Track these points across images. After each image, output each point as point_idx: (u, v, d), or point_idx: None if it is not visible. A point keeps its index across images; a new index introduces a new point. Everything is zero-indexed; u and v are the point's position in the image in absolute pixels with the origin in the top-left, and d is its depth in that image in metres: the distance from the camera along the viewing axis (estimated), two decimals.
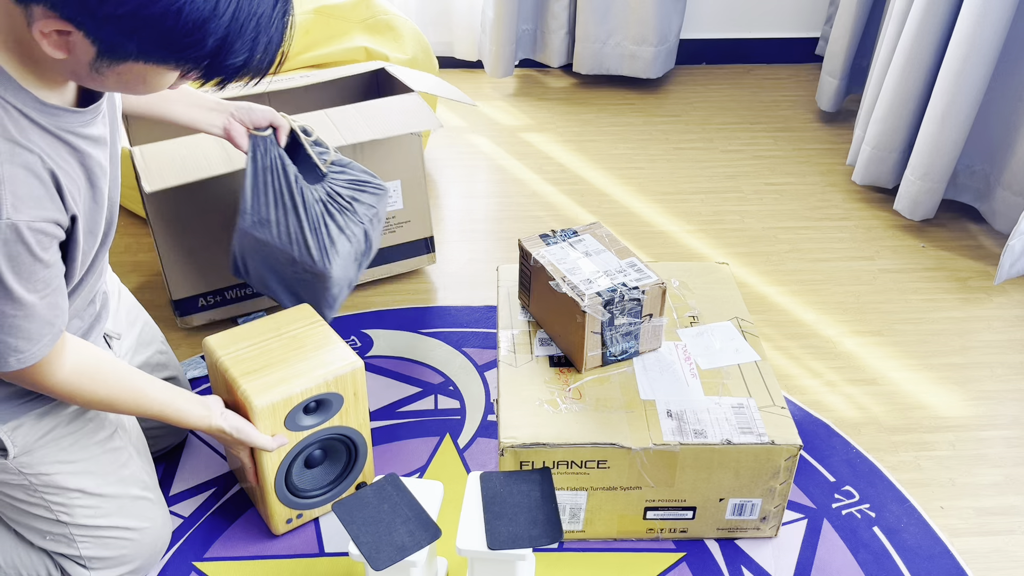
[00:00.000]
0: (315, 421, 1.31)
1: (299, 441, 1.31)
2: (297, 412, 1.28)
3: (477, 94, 2.84)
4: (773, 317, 1.91)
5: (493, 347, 1.78)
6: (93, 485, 1.21)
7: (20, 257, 0.93)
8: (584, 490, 1.33)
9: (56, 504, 1.20)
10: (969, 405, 1.69)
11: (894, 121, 2.15)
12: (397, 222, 1.88)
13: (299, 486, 1.36)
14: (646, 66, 2.80)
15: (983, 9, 1.87)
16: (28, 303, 0.97)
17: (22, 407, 1.14)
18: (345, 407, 1.32)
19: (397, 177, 1.83)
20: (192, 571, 1.35)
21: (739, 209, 2.27)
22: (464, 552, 1.15)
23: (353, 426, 1.35)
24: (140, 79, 0.93)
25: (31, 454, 1.15)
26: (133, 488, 1.26)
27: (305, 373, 1.28)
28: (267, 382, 1.26)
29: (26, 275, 0.95)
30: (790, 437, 1.29)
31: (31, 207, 0.93)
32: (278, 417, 1.26)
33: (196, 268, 1.75)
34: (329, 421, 1.32)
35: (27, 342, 1.00)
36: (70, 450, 1.19)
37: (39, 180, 0.94)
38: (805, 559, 1.38)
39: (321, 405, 1.31)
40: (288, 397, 1.26)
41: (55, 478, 1.18)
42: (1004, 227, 2.12)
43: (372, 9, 2.21)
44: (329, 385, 1.29)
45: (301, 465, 1.35)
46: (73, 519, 1.21)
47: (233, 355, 1.30)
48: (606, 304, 1.35)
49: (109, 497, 1.23)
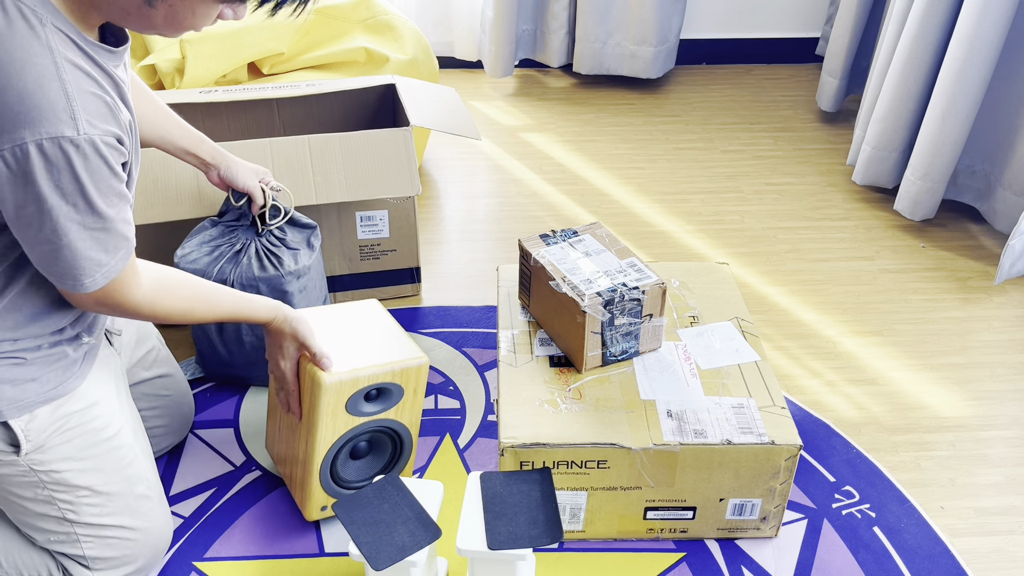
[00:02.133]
0: (374, 409, 1.32)
1: (354, 427, 1.32)
2: (359, 397, 1.30)
3: (477, 94, 2.84)
4: (773, 317, 1.91)
5: (493, 347, 1.78)
6: (100, 483, 1.22)
7: (100, 171, 0.99)
8: (584, 490, 1.33)
9: (63, 502, 1.20)
10: (969, 405, 1.69)
11: (894, 121, 2.15)
12: (382, 249, 1.88)
13: (342, 475, 1.37)
14: (646, 66, 2.79)
15: (983, 9, 1.87)
16: (107, 216, 1.02)
17: (37, 399, 1.14)
18: (404, 401, 1.34)
19: (385, 207, 1.82)
20: (192, 571, 1.35)
21: (739, 209, 2.27)
22: (464, 552, 1.15)
23: (405, 422, 1.37)
24: (190, 12, 0.99)
25: (43, 451, 1.16)
26: (138, 486, 1.27)
27: (374, 359, 1.30)
28: (338, 361, 1.28)
29: (105, 188, 1.00)
30: (790, 437, 1.29)
31: (102, 122, 0.98)
32: (342, 397, 1.28)
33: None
34: (386, 412, 1.34)
35: (107, 255, 1.04)
36: (80, 447, 1.19)
37: (101, 99, 0.99)
38: (805, 559, 1.38)
39: (382, 394, 1.32)
40: (355, 379, 1.27)
41: (65, 475, 1.18)
42: (1004, 227, 2.12)
43: (372, 9, 2.21)
44: (395, 375, 1.30)
45: (346, 454, 1.37)
46: (79, 518, 1.21)
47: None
48: (606, 304, 1.35)
49: (115, 495, 1.24)
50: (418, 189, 1.77)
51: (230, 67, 2.03)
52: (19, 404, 1.12)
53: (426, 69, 2.24)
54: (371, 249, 1.87)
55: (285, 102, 2.00)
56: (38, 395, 1.14)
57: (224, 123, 2.00)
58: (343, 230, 1.82)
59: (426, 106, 1.93)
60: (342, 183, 1.74)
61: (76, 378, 1.19)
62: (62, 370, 1.17)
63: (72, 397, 1.18)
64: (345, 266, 1.87)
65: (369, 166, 1.77)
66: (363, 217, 1.82)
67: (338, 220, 1.81)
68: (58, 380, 1.16)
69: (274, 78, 2.11)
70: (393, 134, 1.78)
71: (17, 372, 1.12)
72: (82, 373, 1.20)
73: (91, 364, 1.22)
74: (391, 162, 1.78)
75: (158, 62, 2.02)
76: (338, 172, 1.74)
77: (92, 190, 0.99)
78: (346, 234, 1.83)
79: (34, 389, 1.14)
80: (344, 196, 1.74)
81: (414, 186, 1.77)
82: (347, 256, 1.86)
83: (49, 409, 1.16)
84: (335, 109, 2.05)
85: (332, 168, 1.74)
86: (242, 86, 1.98)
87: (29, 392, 1.13)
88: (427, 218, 2.23)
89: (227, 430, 1.59)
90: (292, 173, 1.72)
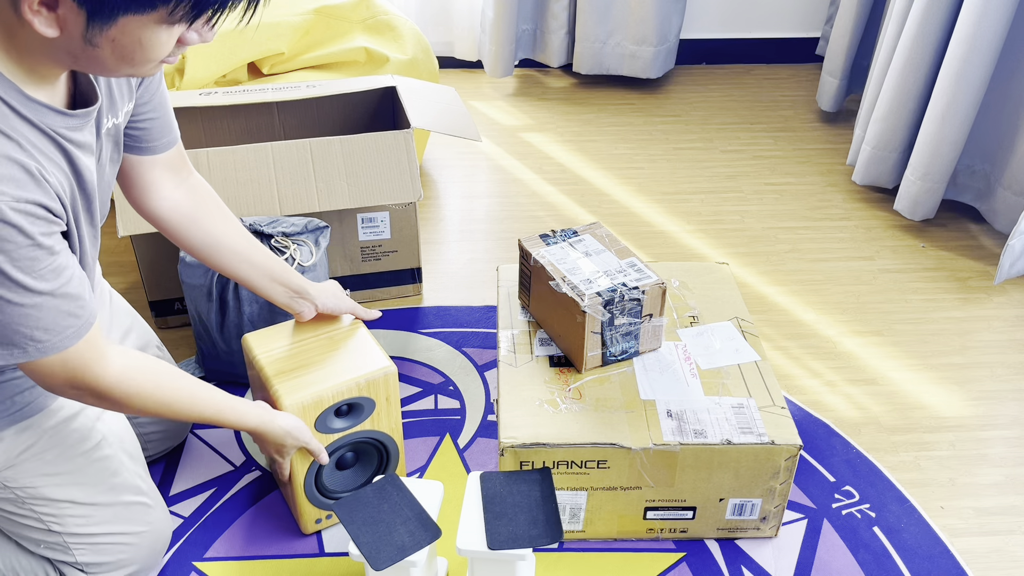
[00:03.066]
0: (346, 425, 1.31)
1: (329, 443, 1.30)
2: (328, 415, 1.28)
3: (477, 94, 2.84)
4: (773, 317, 1.91)
5: (493, 347, 1.78)
6: (82, 495, 1.20)
7: (13, 240, 0.89)
8: (584, 490, 1.33)
9: (46, 515, 1.18)
10: (969, 405, 1.69)
11: (894, 121, 2.15)
12: (383, 251, 1.88)
13: (330, 487, 1.36)
14: (646, 66, 2.79)
15: (983, 9, 1.87)
16: (37, 291, 0.93)
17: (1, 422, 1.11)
18: (377, 411, 1.32)
19: (386, 209, 1.82)
20: (192, 571, 1.35)
21: (739, 209, 2.27)
22: (464, 552, 1.15)
23: (385, 430, 1.35)
24: (136, 42, 0.89)
25: (14, 468, 1.14)
26: (125, 495, 1.25)
27: (337, 376, 1.27)
28: (299, 383, 1.26)
29: (27, 263, 0.91)
30: (790, 437, 1.29)
31: (12, 188, 0.88)
32: (308, 418, 1.26)
33: (173, 273, 1.76)
34: (360, 425, 1.32)
35: (45, 332, 0.96)
36: (54, 463, 1.17)
37: (18, 165, 0.90)
38: (805, 559, 1.38)
39: (353, 409, 1.31)
40: (319, 400, 1.26)
41: (41, 490, 1.16)
42: (1004, 227, 2.12)
43: (372, 9, 2.21)
44: (361, 389, 1.28)
45: (332, 467, 1.35)
46: (65, 528, 1.20)
47: (269, 354, 1.31)
48: (606, 304, 1.35)
49: (101, 506, 1.22)
50: (420, 195, 1.77)
51: (230, 67, 2.03)
52: None
53: (426, 69, 2.24)
54: (372, 250, 1.87)
55: (286, 106, 2.01)
56: (1, 418, 1.11)
57: (224, 125, 2.00)
58: (345, 232, 1.82)
59: (427, 107, 1.93)
60: (344, 190, 1.74)
61: (44, 397, 1.15)
62: (27, 392, 1.13)
63: (42, 415, 1.15)
64: (347, 267, 1.87)
65: (371, 171, 1.77)
66: (364, 219, 1.82)
67: (339, 222, 1.81)
68: (23, 402, 1.13)
69: (274, 78, 2.11)
70: (394, 137, 1.78)
71: None
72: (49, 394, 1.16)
73: None
74: (393, 166, 1.78)
75: None
76: (340, 178, 1.74)
77: (7, 264, 0.89)
78: (348, 236, 1.83)
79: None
80: (347, 203, 1.74)
81: (415, 191, 1.78)
82: (349, 257, 1.86)
83: (15, 430, 1.13)
84: (335, 110, 2.06)
85: (334, 174, 1.75)
86: (242, 87, 1.98)
87: None
88: (427, 218, 2.23)
89: (227, 430, 1.59)
90: (294, 180, 1.73)
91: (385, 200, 1.76)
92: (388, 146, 1.78)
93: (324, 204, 1.73)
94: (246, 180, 1.72)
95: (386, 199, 1.76)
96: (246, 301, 1.56)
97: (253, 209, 1.71)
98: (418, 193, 1.78)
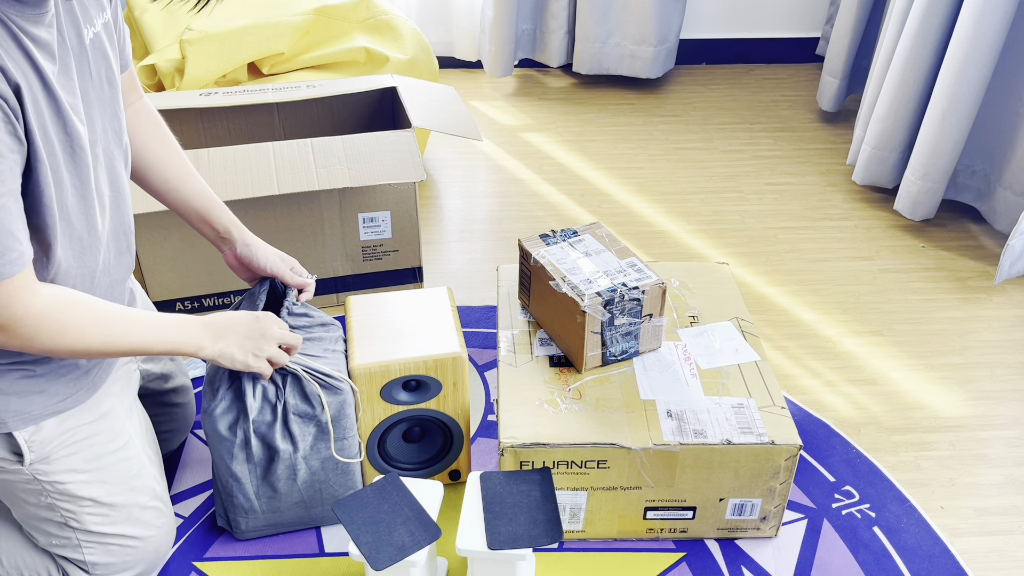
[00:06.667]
0: (411, 399, 1.35)
1: (391, 415, 1.35)
2: (395, 386, 1.32)
3: (477, 94, 2.84)
4: (773, 317, 1.91)
5: (493, 347, 1.78)
6: (104, 494, 1.20)
7: None
8: (584, 490, 1.33)
9: (66, 511, 1.19)
10: (969, 405, 1.69)
11: (894, 121, 2.15)
12: (384, 250, 1.88)
13: (393, 455, 1.41)
14: (646, 66, 2.80)
15: (983, 9, 1.87)
16: None
17: (43, 411, 1.12)
18: (443, 393, 1.36)
19: (387, 208, 1.83)
20: (192, 571, 1.35)
21: (739, 209, 2.27)
22: (464, 552, 1.15)
23: (450, 414, 1.38)
24: None
25: (48, 462, 1.14)
26: (142, 497, 1.25)
27: (408, 351, 1.32)
28: (374, 350, 1.32)
29: None
30: (790, 437, 1.29)
31: None
32: (375, 385, 1.31)
33: (175, 273, 1.76)
34: (426, 403, 1.36)
35: None
36: (86, 460, 1.18)
37: None
38: (805, 559, 1.38)
39: (420, 386, 1.35)
40: (385, 369, 1.30)
41: (69, 487, 1.17)
42: (1004, 227, 2.12)
43: (372, 9, 2.21)
44: (428, 367, 1.32)
45: (399, 437, 1.40)
46: (82, 526, 1.21)
47: (362, 319, 1.39)
48: (606, 304, 1.35)
49: (119, 506, 1.22)
50: (422, 175, 1.77)
51: (230, 67, 2.03)
52: (24, 416, 1.10)
53: (426, 69, 2.24)
54: (373, 250, 1.87)
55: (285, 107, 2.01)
56: (45, 407, 1.12)
57: (224, 125, 2.00)
58: (345, 231, 1.82)
59: (427, 107, 1.94)
60: (344, 172, 1.75)
61: (86, 390, 1.17)
62: (72, 382, 1.14)
63: (81, 409, 1.16)
64: (348, 267, 1.87)
65: (372, 157, 1.78)
66: (365, 218, 1.82)
67: (340, 221, 1.81)
68: (67, 392, 1.14)
69: (274, 78, 2.11)
70: (396, 136, 1.78)
71: (25, 384, 1.10)
72: (93, 385, 1.18)
73: (105, 375, 1.21)
74: (394, 152, 1.79)
75: (158, 62, 2.02)
76: (341, 165, 1.75)
77: None
78: (348, 235, 1.83)
79: (41, 401, 1.12)
80: (347, 182, 1.73)
81: (418, 172, 1.77)
82: (350, 257, 1.86)
83: (56, 421, 1.14)
84: (335, 110, 2.06)
85: (334, 162, 1.75)
86: (242, 87, 1.98)
87: (35, 404, 1.11)
88: (427, 218, 2.23)
89: None
90: (295, 171, 1.73)
91: (387, 179, 1.76)
92: (390, 141, 1.80)
93: (324, 183, 1.72)
94: (244, 169, 1.72)
95: (388, 178, 1.76)
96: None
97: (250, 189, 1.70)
98: (421, 174, 1.77)
